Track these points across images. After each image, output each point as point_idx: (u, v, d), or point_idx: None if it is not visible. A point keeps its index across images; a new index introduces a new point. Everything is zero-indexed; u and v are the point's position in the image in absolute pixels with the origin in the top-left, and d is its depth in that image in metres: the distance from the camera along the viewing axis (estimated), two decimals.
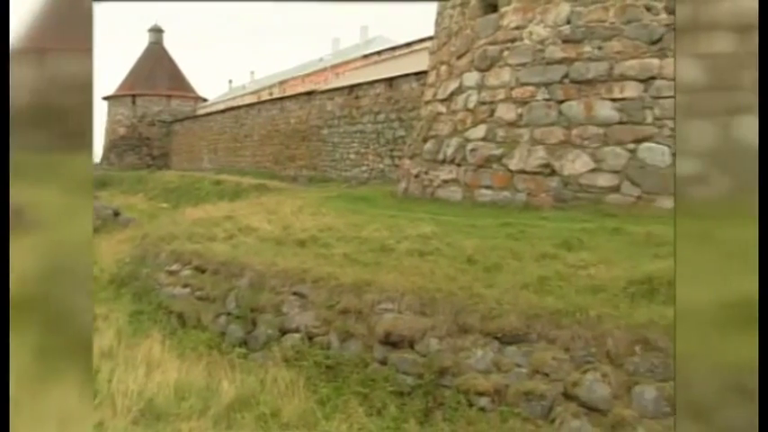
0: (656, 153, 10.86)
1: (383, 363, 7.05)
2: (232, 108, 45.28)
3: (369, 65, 36.52)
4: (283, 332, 8.16)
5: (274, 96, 41.74)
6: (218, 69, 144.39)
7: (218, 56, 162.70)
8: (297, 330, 8.02)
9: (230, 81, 66.27)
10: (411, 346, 6.96)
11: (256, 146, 38.56)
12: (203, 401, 6.48)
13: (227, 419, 6.21)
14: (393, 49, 35.98)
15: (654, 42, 11.29)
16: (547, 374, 6.08)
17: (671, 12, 11.25)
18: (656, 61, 11.22)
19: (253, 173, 35.33)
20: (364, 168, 27.23)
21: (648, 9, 11.41)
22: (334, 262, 8.83)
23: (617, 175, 10.99)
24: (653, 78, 11.19)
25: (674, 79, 11.06)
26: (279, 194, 20.48)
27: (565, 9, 11.99)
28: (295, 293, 8.45)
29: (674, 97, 11.00)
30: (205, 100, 59.28)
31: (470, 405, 6.21)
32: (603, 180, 11.05)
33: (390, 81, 26.42)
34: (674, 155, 10.77)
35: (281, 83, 47.18)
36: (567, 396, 5.88)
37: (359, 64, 38.43)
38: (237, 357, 7.93)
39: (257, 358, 7.99)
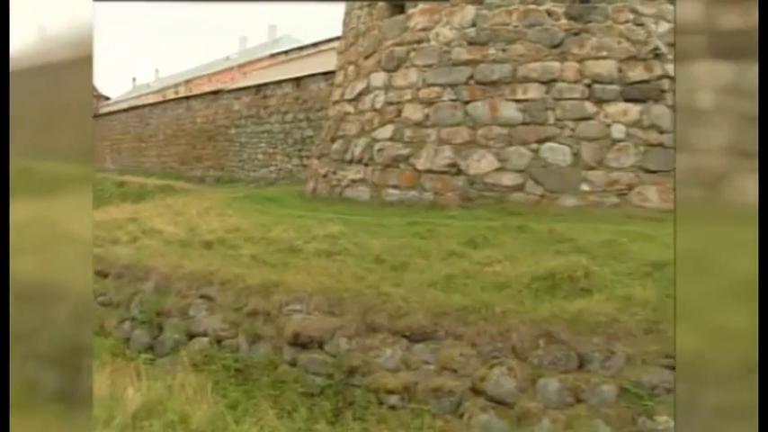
0: (557, 153, 11.21)
1: (293, 364, 7.00)
2: (136, 107, 44.04)
3: (276, 64, 36.26)
4: (191, 336, 7.98)
5: (180, 95, 40.75)
6: (121, 67, 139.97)
7: (121, 53, 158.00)
8: (204, 334, 7.86)
9: (134, 79, 64.88)
10: (320, 346, 6.95)
11: (162, 146, 37.60)
12: (107, 411, 6.23)
13: (134, 428, 6.03)
14: (301, 48, 35.85)
15: (555, 46, 11.65)
16: (455, 370, 6.18)
17: (571, 17, 11.65)
18: (556, 64, 11.59)
19: (158, 173, 34.43)
20: (272, 169, 26.97)
21: (550, 14, 11.76)
22: (241, 263, 8.71)
23: (521, 174, 11.28)
24: (554, 81, 11.54)
25: (584, 81, 11.47)
26: (185, 195, 20.00)
27: (470, 12, 12.21)
28: (202, 296, 8.29)
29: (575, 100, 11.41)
30: (108, 98, 57.38)
31: (380, 403, 6.24)
32: (508, 179, 11.32)
33: (298, 81, 26.24)
34: (583, 153, 11.15)
35: (187, 81, 46.23)
36: (475, 391, 6.00)
37: (266, 63, 38.11)
38: (143, 363, 7.64)
39: (164, 364, 7.76)
